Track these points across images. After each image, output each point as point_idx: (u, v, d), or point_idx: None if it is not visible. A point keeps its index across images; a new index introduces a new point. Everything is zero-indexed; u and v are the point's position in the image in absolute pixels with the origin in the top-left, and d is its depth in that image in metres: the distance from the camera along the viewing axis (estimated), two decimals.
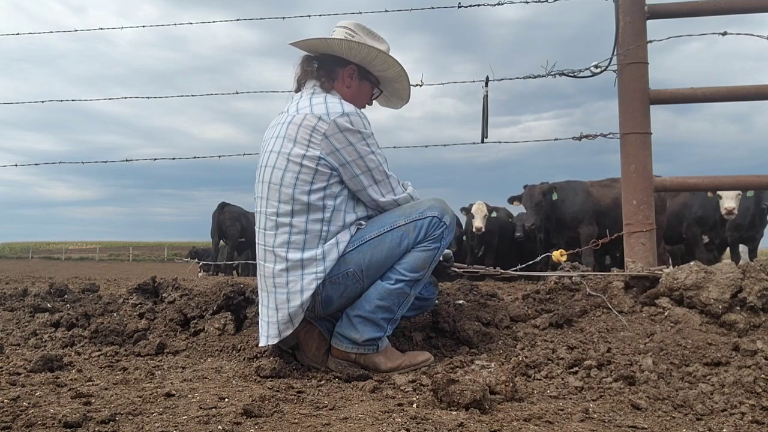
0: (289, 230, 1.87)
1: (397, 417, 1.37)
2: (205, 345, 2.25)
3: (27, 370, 1.84)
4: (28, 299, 3.08)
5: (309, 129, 1.87)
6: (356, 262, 1.90)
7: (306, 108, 1.92)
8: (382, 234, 1.92)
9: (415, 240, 1.92)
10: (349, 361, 1.94)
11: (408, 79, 2.18)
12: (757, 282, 2.10)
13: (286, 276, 1.87)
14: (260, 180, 1.97)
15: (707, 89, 2.67)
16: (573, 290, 2.53)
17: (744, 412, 1.46)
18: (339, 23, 2.10)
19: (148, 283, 2.80)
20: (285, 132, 1.91)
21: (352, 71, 2.08)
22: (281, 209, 1.88)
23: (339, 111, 1.88)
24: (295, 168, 1.87)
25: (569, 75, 2.77)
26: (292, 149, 1.87)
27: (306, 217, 1.87)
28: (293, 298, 1.86)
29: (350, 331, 1.92)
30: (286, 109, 2.04)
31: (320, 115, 1.87)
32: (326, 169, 1.87)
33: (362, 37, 2.06)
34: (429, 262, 1.95)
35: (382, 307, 1.91)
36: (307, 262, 1.86)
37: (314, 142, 1.86)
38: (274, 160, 1.91)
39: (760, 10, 2.69)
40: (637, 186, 2.63)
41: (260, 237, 1.96)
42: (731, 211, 6.84)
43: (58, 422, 1.28)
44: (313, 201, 1.87)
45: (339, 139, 1.87)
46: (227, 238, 12.07)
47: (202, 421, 1.32)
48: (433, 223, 1.93)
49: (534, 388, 1.70)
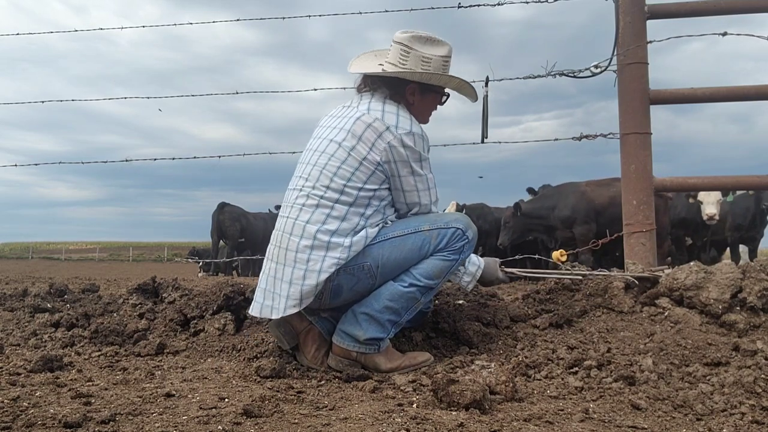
0: (329, 212, 1.90)
1: (397, 417, 1.37)
2: (205, 345, 2.25)
3: (27, 370, 1.84)
4: (28, 299, 3.08)
5: (376, 133, 1.92)
6: (374, 256, 1.92)
7: (377, 112, 1.95)
8: (405, 235, 1.95)
9: (435, 247, 1.94)
10: (350, 359, 1.94)
11: (470, 86, 2.15)
12: (757, 282, 2.10)
13: (309, 253, 1.88)
14: (310, 162, 1.99)
15: (707, 89, 2.68)
16: (573, 290, 2.53)
17: (744, 412, 1.46)
18: (396, 37, 2.06)
19: (148, 283, 2.80)
20: (351, 126, 1.94)
21: (413, 89, 2.08)
22: (328, 194, 1.91)
23: (407, 128, 1.94)
24: (354, 164, 1.91)
25: (569, 75, 2.77)
26: (356, 146, 1.92)
27: (349, 208, 1.91)
28: (309, 276, 1.86)
29: (354, 328, 1.92)
30: (353, 103, 2.06)
31: (389, 126, 1.92)
32: (381, 174, 1.94)
33: (417, 51, 2.02)
34: (445, 272, 1.97)
35: (390, 309, 1.92)
36: (333, 246, 1.88)
37: (377, 147, 1.91)
38: (334, 149, 1.94)
39: (760, 11, 2.69)
40: (637, 186, 2.63)
41: (291, 211, 1.95)
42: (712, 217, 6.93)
43: (58, 422, 1.28)
44: (361, 196, 1.92)
45: (399, 153, 1.93)
46: (227, 238, 12.06)
47: (202, 421, 1.32)
48: (456, 235, 1.96)
49: (534, 389, 1.70)
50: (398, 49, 2.05)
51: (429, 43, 2.06)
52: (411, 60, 2.03)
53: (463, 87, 2.15)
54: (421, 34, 2.05)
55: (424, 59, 2.04)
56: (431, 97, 2.14)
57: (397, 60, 2.05)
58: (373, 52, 2.22)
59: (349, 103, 2.10)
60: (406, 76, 2.03)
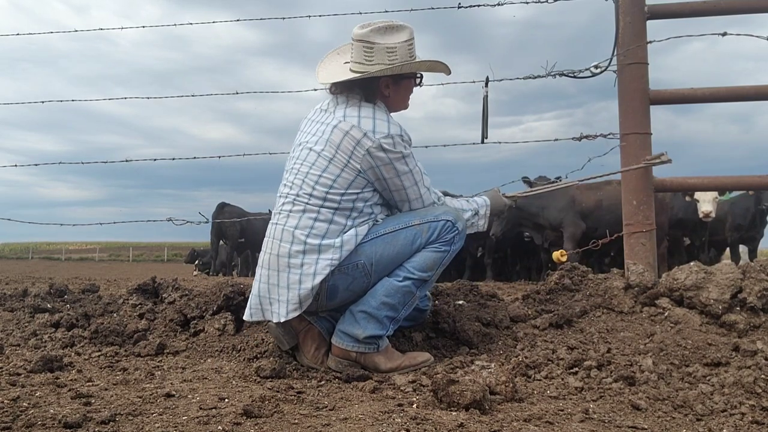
0: (315, 217, 1.92)
1: (397, 417, 1.37)
2: (205, 345, 2.25)
3: (27, 370, 1.84)
4: (28, 299, 3.08)
5: (353, 141, 1.91)
6: (367, 254, 1.93)
7: (354, 118, 1.95)
8: (397, 231, 1.97)
9: (427, 240, 1.97)
10: (350, 360, 1.94)
11: (441, 63, 2.12)
12: (757, 282, 2.10)
13: (301, 258, 1.89)
14: (293, 170, 2.00)
15: (707, 89, 2.67)
16: (573, 290, 2.53)
17: (744, 412, 1.46)
18: (355, 34, 2.01)
19: (148, 283, 2.80)
20: (329, 135, 1.94)
21: (386, 83, 2.06)
22: (312, 201, 1.92)
23: (384, 131, 1.93)
24: (335, 171, 1.92)
25: (569, 75, 2.77)
26: (335, 155, 1.92)
27: (335, 212, 1.93)
28: (305, 280, 1.88)
29: (352, 327, 1.93)
30: (329, 107, 2.05)
31: (366, 132, 1.91)
32: (363, 179, 1.95)
33: (379, 43, 1.98)
34: (438, 264, 1.99)
35: (387, 305, 1.93)
36: (325, 248, 1.90)
37: (356, 155, 1.91)
38: (314, 159, 1.95)
39: (760, 11, 2.69)
40: (637, 186, 2.63)
41: (280, 218, 1.97)
42: (708, 215, 6.88)
43: (58, 423, 1.28)
44: (344, 201, 1.93)
45: (380, 158, 1.93)
46: (227, 238, 12.06)
47: (202, 421, 1.32)
48: (446, 227, 1.99)
49: (534, 389, 1.70)
50: (360, 46, 2.00)
51: (389, 31, 2.01)
52: (376, 55, 1.99)
53: (435, 67, 2.13)
54: (379, 24, 2.00)
55: (389, 50, 1.99)
56: (405, 83, 2.11)
57: (362, 58, 2.00)
58: (335, 51, 2.18)
59: (325, 106, 2.08)
60: (377, 74, 1.99)
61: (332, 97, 2.08)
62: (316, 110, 2.12)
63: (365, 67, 2.00)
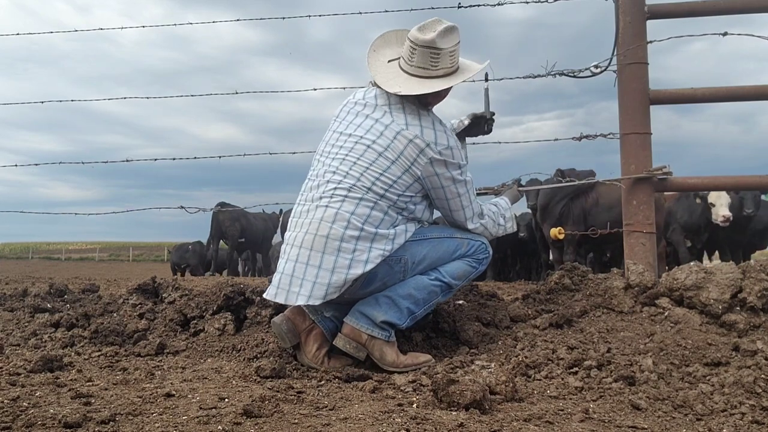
0: (372, 206, 1.94)
1: (397, 417, 1.37)
2: (205, 345, 2.25)
3: (27, 370, 1.84)
4: (28, 299, 3.08)
5: (417, 150, 1.96)
6: (412, 252, 2.01)
7: (416, 128, 1.97)
8: (442, 238, 2.09)
9: (464, 254, 2.11)
10: (359, 342, 1.95)
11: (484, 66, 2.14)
12: (757, 282, 2.10)
13: (355, 243, 1.90)
14: (347, 160, 1.97)
15: (707, 90, 2.67)
16: (573, 290, 2.53)
17: (744, 412, 1.46)
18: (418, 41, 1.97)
19: (148, 283, 2.80)
20: (392, 141, 1.96)
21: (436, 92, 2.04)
22: (369, 194, 1.95)
23: (445, 143, 2.00)
24: (396, 173, 1.95)
25: (569, 75, 2.77)
26: (397, 159, 1.96)
27: (390, 206, 1.98)
28: (356, 266, 1.89)
29: (372, 309, 1.95)
30: (379, 103, 2.03)
31: (429, 143, 1.97)
32: (419, 185, 2.02)
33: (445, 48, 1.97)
34: (466, 276, 2.12)
35: (412, 297, 1.98)
36: (379, 237, 1.93)
37: (419, 163, 1.97)
38: (374, 157, 1.96)
39: (760, 11, 2.69)
40: (638, 186, 2.63)
41: (331, 201, 1.93)
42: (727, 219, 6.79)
43: (58, 422, 1.28)
44: (400, 201, 1.99)
45: (441, 168, 2.00)
46: (227, 238, 12.05)
47: (202, 421, 1.32)
48: (481, 248, 2.16)
49: (534, 389, 1.70)
50: (427, 53, 1.97)
51: (447, 34, 1.98)
52: (442, 60, 1.99)
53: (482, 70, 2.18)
54: (438, 28, 1.97)
55: (450, 54, 2.00)
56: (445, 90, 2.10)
57: (428, 64, 1.98)
58: (385, 45, 2.14)
59: (372, 99, 2.05)
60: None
61: (379, 92, 2.06)
62: (358, 102, 2.09)
63: (430, 72, 2.01)
